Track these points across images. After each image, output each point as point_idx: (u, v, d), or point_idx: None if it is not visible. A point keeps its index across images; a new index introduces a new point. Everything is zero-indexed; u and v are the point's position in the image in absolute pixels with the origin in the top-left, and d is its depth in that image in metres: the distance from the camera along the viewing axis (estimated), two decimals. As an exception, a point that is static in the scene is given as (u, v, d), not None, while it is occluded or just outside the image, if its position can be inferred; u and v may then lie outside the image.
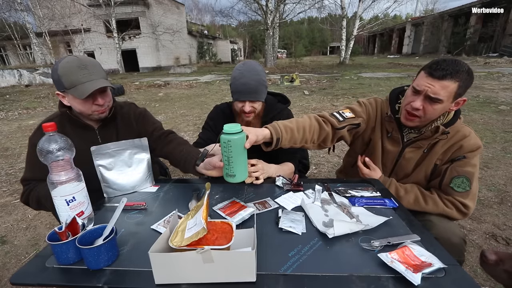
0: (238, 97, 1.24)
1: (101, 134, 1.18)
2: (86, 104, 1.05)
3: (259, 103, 1.28)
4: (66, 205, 0.80)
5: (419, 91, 0.99)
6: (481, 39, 19.41)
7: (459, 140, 1.05)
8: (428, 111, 0.99)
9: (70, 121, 1.13)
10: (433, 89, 0.95)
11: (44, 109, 7.13)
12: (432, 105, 0.98)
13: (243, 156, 0.97)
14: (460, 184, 1.01)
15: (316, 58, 37.89)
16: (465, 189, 1.01)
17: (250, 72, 1.21)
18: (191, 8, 56.65)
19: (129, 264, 0.71)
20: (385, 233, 0.80)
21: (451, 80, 0.93)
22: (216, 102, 7.23)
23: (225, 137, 0.92)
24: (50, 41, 18.51)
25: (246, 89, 1.21)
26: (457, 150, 1.06)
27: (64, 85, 1.00)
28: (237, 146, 0.93)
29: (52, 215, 1.75)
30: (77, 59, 1.01)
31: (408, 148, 1.15)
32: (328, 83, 9.76)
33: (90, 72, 1.02)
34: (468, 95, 5.48)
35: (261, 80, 1.23)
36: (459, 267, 0.67)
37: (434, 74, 0.94)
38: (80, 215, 0.82)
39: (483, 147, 1.07)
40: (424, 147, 1.11)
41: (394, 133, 1.16)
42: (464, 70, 0.94)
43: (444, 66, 0.93)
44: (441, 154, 1.09)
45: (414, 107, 1.00)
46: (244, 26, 28.48)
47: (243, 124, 1.28)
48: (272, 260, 0.71)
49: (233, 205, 0.98)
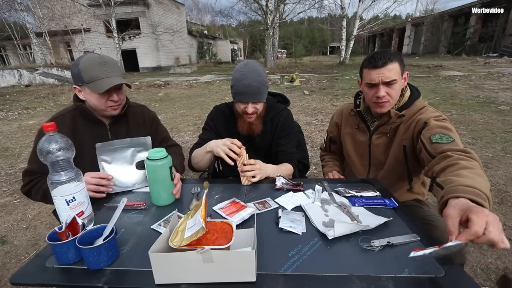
0: (240, 98, 1.24)
1: (111, 130, 1.22)
2: (101, 99, 1.09)
3: (261, 103, 1.28)
4: (66, 205, 0.80)
5: (375, 84, 1.13)
6: (481, 39, 19.40)
7: (413, 115, 1.15)
8: (391, 93, 1.13)
9: (82, 115, 1.17)
10: (385, 75, 1.10)
11: (44, 109, 7.13)
12: (391, 87, 1.12)
13: (168, 180, 1.00)
14: (441, 137, 0.96)
15: (316, 58, 37.89)
16: (448, 139, 0.94)
17: (252, 73, 1.20)
18: (191, 8, 56.60)
19: (129, 264, 0.71)
20: (385, 233, 0.80)
21: (392, 63, 1.09)
22: (216, 102, 7.22)
23: (149, 163, 0.96)
24: (50, 41, 18.52)
25: (249, 91, 1.20)
26: (417, 123, 1.11)
27: (83, 79, 1.05)
28: (163, 171, 0.97)
29: (52, 215, 1.75)
30: (99, 56, 1.08)
31: (374, 135, 1.27)
32: (328, 83, 9.77)
33: (110, 69, 1.07)
34: (468, 95, 5.44)
35: (263, 81, 1.23)
36: (459, 267, 0.67)
37: (378, 64, 1.10)
38: (80, 215, 0.82)
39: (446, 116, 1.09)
40: (387, 132, 1.21)
41: (360, 124, 1.31)
42: (394, 52, 1.13)
43: (380, 56, 1.10)
44: (403, 134, 1.17)
45: (380, 96, 1.13)
46: (244, 26, 28.51)
47: (245, 125, 1.29)
48: (272, 260, 0.71)
49: (233, 205, 0.98)
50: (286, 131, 1.40)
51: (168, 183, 1.00)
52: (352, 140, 1.38)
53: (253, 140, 1.38)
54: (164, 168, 0.98)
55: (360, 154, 1.36)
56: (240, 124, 1.31)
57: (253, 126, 1.29)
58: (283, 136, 1.40)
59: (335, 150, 1.56)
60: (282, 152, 1.39)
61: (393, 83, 1.11)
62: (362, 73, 1.18)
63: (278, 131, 1.39)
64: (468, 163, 0.82)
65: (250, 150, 1.39)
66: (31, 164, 1.13)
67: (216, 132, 1.41)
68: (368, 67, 1.13)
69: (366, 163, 1.34)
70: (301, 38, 59.22)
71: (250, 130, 1.30)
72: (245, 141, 1.37)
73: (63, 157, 0.78)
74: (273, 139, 1.41)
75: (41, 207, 2.43)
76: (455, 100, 5.83)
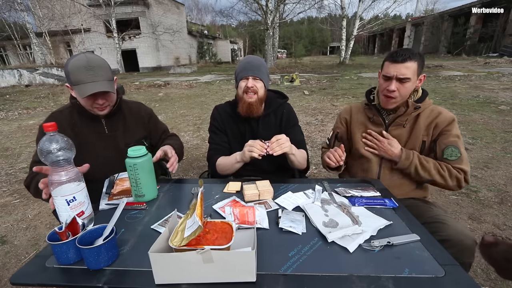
0: (242, 74, 1.31)
1: (108, 125, 1.24)
2: (88, 101, 1.12)
3: (261, 84, 1.32)
4: (66, 205, 0.80)
5: (390, 77, 1.18)
6: (481, 39, 19.40)
7: (434, 118, 1.22)
8: (402, 90, 1.18)
9: (79, 111, 1.20)
10: (400, 71, 1.15)
11: (44, 109, 7.13)
12: (404, 84, 1.17)
13: (151, 176, 1.02)
14: (451, 153, 1.18)
15: (316, 58, 37.86)
16: (456, 156, 1.17)
17: (254, 57, 1.36)
18: (191, 8, 56.62)
19: (129, 264, 0.71)
20: (385, 233, 0.80)
21: (411, 61, 1.15)
22: (216, 102, 7.23)
23: (130, 161, 0.97)
24: (50, 41, 18.51)
25: (249, 66, 1.30)
26: (435, 127, 1.22)
27: (71, 81, 1.07)
28: (144, 168, 0.98)
29: (52, 215, 1.75)
30: (86, 60, 1.07)
31: (391, 127, 1.30)
32: (328, 83, 9.76)
33: (95, 74, 1.07)
34: (468, 95, 5.44)
35: (263, 63, 1.34)
36: (459, 267, 0.67)
37: (398, 60, 1.16)
38: (80, 215, 0.82)
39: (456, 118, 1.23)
40: (404, 123, 1.26)
41: (375, 117, 1.33)
42: (417, 53, 1.18)
43: (402, 53, 1.16)
44: (424, 130, 1.23)
45: (390, 89, 1.18)
46: (244, 26, 28.45)
47: (246, 105, 1.31)
48: (272, 260, 0.71)
49: (233, 205, 0.98)
50: (291, 122, 1.45)
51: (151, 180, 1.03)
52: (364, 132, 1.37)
53: (258, 134, 1.39)
54: (150, 161, 1.01)
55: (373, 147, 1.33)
56: (240, 105, 1.34)
57: (252, 107, 1.31)
58: (290, 128, 1.43)
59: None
60: (292, 141, 1.41)
61: (406, 80, 1.16)
62: (383, 65, 1.24)
63: (284, 124, 1.43)
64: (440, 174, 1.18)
65: None
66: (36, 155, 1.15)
67: (225, 132, 1.43)
68: (389, 60, 1.19)
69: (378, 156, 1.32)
70: (301, 38, 59.19)
71: (249, 110, 1.32)
72: (250, 135, 1.38)
73: (63, 157, 0.78)
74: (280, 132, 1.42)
75: (41, 207, 2.43)
76: (455, 100, 5.83)
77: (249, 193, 1.02)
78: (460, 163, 1.17)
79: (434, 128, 1.22)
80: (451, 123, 1.20)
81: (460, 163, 1.17)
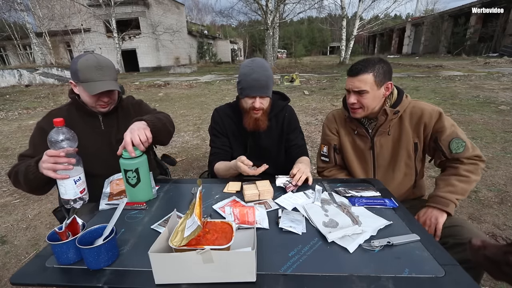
0: (248, 92, 1.23)
1: (104, 122, 1.27)
2: (93, 98, 1.16)
3: (268, 99, 1.29)
4: (74, 184, 0.94)
5: (348, 90, 1.21)
6: (481, 39, 19.39)
7: (420, 117, 1.18)
8: (363, 102, 1.17)
9: (77, 108, 1.24)
10: (354, 84, 1.16)
11: (44, 109, 7.13)
12: (362, 96, 1.16)
13: (146, 177, 1.02)
14: (457, 146, 1.14)
15: (316, 58, 37.87)
16: (462, 145, 1.13)
17: (260, 68, 1.22)
18: (191, 8, 56.62)
19: (129, 264, 0.71)
20: (385, 233, 0.80)
21: (364, 74, 1.13)
22: (216, 102, 7.22)
23: (126, 163, 0.96)
24: (50, 41, 18.51)
25: (257, 85, 1.21)
26: (425, 127, 1.18)
27: (79, 78, 1.11)
28: (140, 169, 0.98)
29: (52, 215, 1.74)
30: (96, 60, 1.13)
31: (376, 137, 1.27)
32: (328, 83, 9.76)
33: (104, 73, 1.14)
34: (468, 95, 5.42)
35: (270, 76, 1.24)
36: (459, 267, 0.67)
37: (351, 74, 1.18)
38: (82, 192, 0.97)
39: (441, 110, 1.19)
40: (388, 130, 1.24)
41: (359, 129, 1.30)
42: (375, 62, 1.14)
43: (357, 66, 1.15)
44: (413, 132, 1.21)
45: (350, 102, 1.20)
46: (244, 26, 28.47)
47: (252, 121, 1.29)
48: (272, 260, 0.71)
49: (233, 205, 0.98)
50: (293, 125, 1.44)
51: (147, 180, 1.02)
52: (352, 147, 1.34)
53: (260, 137, 1.39)
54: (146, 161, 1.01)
55: (363, 159, 1.32)
56: (246, 120, 1.31)
57: (259, 122, 1.30)
58: (292, 131, 1.43)
59: (340, 161, 1.41)
60: (294, 146, 1.42)
61: (363, 93, 1.15)
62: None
63: (285, 127, 1.42)
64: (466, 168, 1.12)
65: (256, 147, 1.39)
66: (26, 150, 1.19)
67: (226, 135, 1.42)
68: (347, 73, 1.21)
69: (370, 166, 1.31)
70: (301, 38, 59.20)
71: (256, 126, 1.30)
72: (252, 139, 1.38)
73: (69, 145, 0.93)
74: (282, 135, 1.42)
75: (41, 207, 2.43)
76: (455, 100, 5.83)
77: (249, 193, 1.02)
78: (468, 151, 1.13)
79: (424, 129, 1.18)
80: (440, 118, 1.16)
81: (468, 152, 1.13)
